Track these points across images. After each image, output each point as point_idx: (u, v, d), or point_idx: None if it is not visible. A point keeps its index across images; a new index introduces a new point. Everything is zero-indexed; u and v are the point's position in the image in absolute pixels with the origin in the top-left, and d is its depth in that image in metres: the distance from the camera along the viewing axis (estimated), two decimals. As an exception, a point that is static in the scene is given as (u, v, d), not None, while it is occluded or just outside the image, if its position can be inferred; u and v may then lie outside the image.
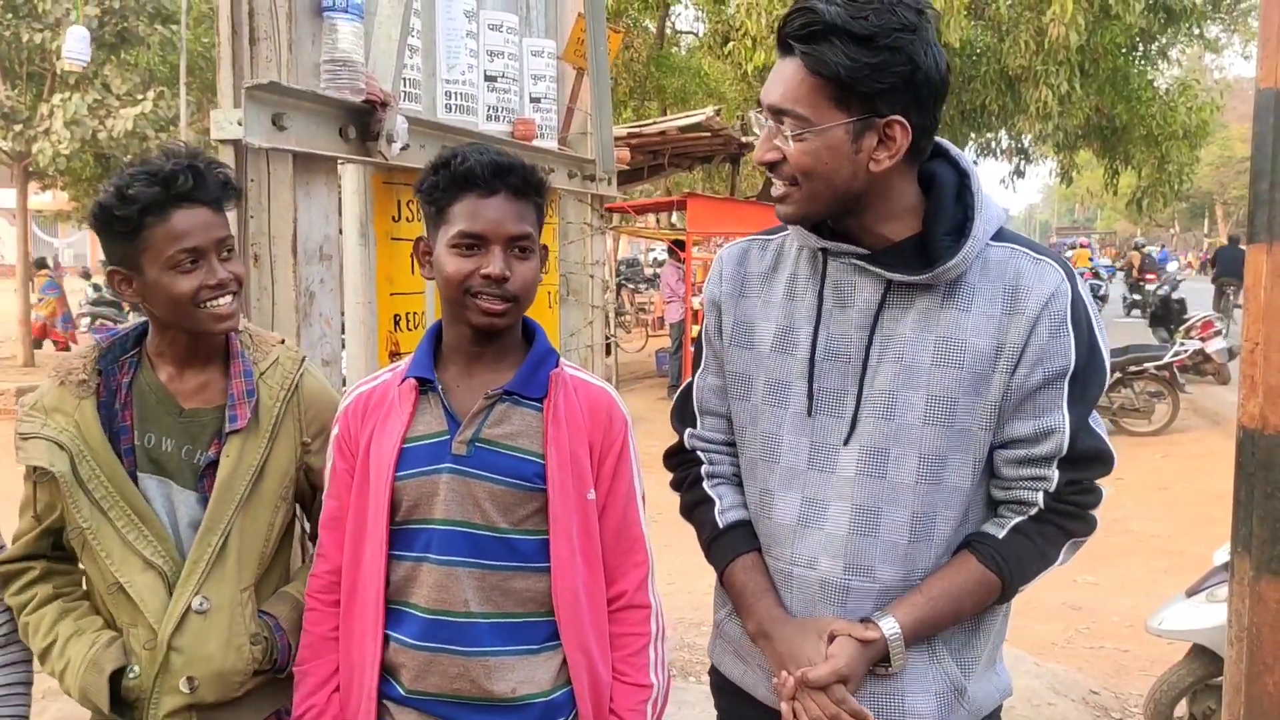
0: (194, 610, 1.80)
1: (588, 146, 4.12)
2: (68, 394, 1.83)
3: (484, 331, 1.76)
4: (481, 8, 3.36)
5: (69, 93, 12.63)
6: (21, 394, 12.11)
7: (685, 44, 22.25)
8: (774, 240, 1.81)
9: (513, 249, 1.73)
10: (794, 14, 1.54)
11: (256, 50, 2.35)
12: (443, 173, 1.74)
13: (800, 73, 1.53)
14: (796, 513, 1.69)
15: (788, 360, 1.71)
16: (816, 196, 1.59)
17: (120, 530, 1.79)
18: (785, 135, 1.56)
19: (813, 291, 1.70)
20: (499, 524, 1.74)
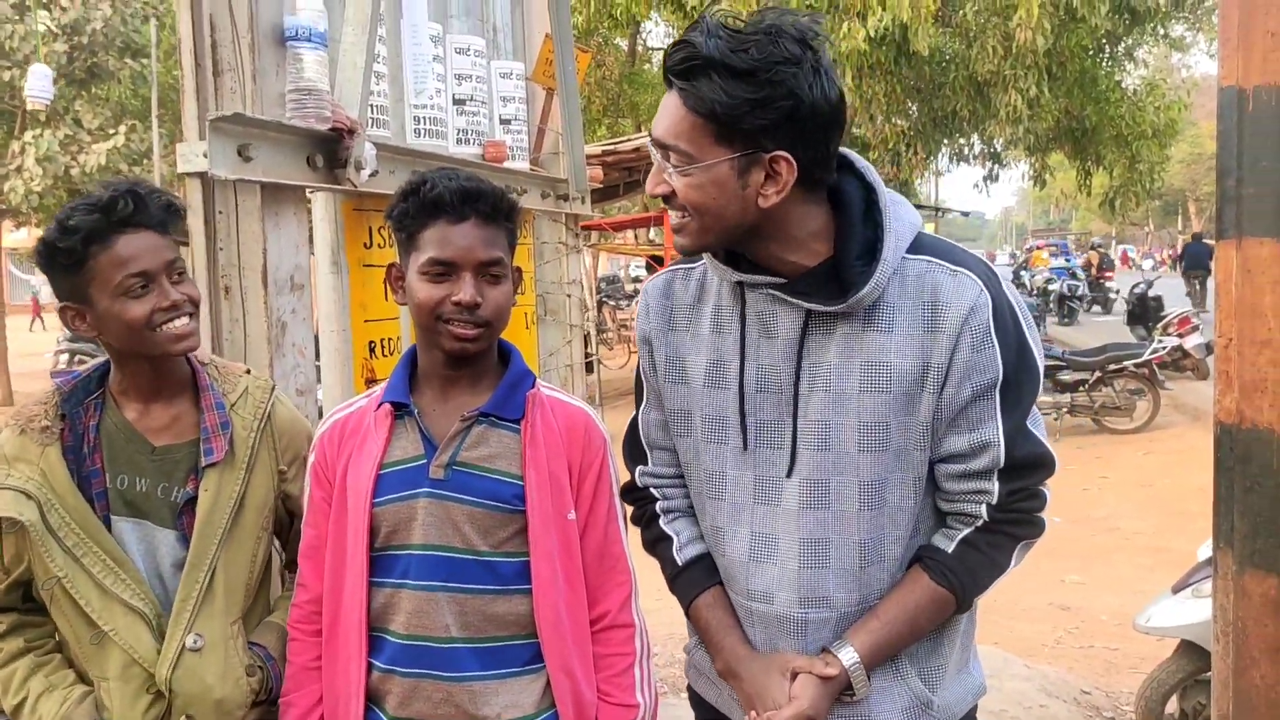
0: (188, 648, 1.77)
1: (560, 166, 4.12)
2: (30, 442, 1.78)
3: (457, 356, 1.76)
4: (448, 31, 3.36)
5: (40, 129, 12.57)
6: None
7: (656, 61, 22.36)
8: (695, 269, 1.77)
9: (484, 275, 1.73)
10: (675, 47, 1.52)
11: (220, 82, 2.33)
12: (412, 199, 1.74)
13: (681, 106, 1.50)
14: (747, 548, 1.69)
15: (721, 395, 1.69)
16: (708, 230, 1.57)
17: (97, 576, 1.75)
18: (670, 170, 1.54)
19: (736, 323, 1.68)
20: (479, 547, 1.73)
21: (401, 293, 1.80)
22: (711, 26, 1.48)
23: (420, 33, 3.12)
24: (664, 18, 18.23)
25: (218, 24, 2.32)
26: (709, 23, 1.49)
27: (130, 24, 13.55)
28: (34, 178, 12.38)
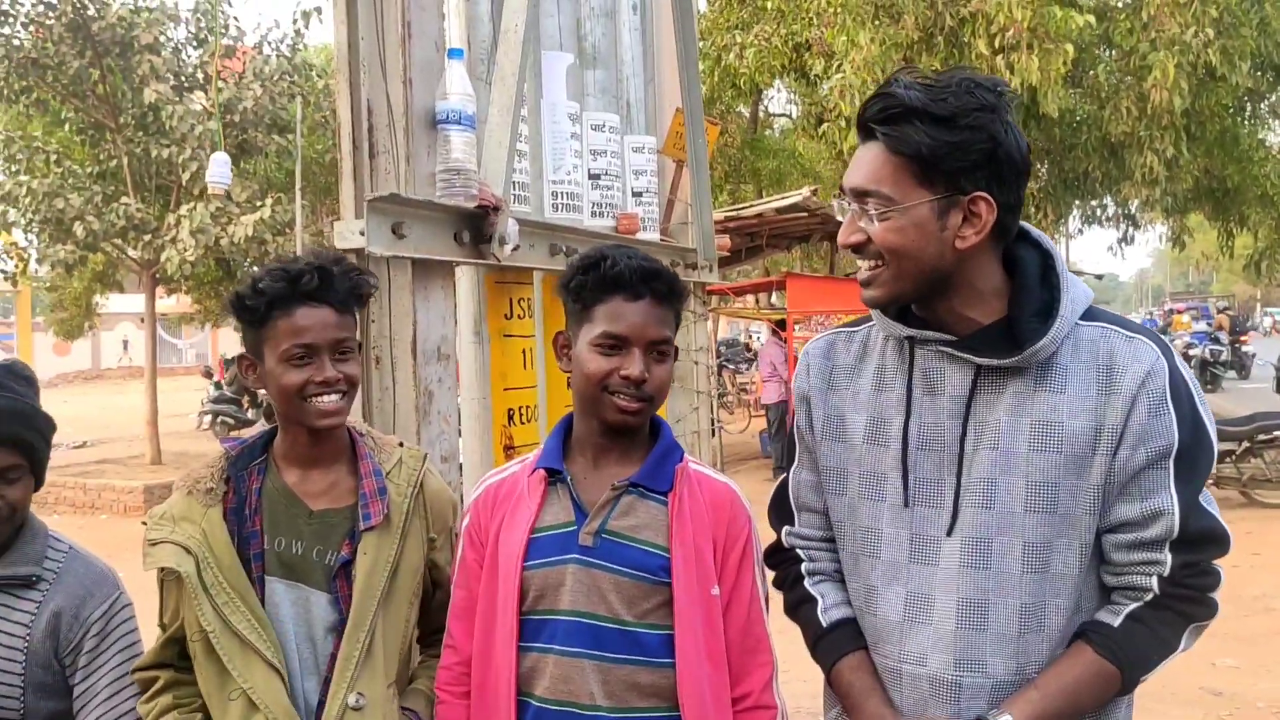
0: (350, 707, 1.83)
1: (689, 236, 4.19)
2: (195, 503, 1.90)
3: (618, 429, 1.81)
4: (585, 109, 3.48)
5: (194, 203, 13.32)
6: (150, 491, 12.64)
7: (778, 126, 22.51)
8: (859, 332, 1.82)
9: (652, 352, 1.79)
10: (874, 100, 1.59)
11: (376, 163, 2.47)
12: (592, 274, 1.80)
13: (882, 154, 1.57)
14: (902, 608, 1.67)
15: (881, 452, 1.70)
16: (903, 276, 1.60)
17: (241, 632, 1.82)
18: (870, 216, 1.58)
19: (901, 381, 1.70)
20: (624, 616, 1.75)
21: (566, 360, 1.86)
22: (907, 82, 1.56)
23: (559, 111, 3.24)
24: (787, 85, 18.42)
25: (375, 109, 2.46)
26: (904, 78, 1.57)
27: (278, 102, 14.32)
28: (187, 248, 13.07)
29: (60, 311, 21.30)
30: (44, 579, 1.93)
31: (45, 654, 1.89)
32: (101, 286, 19.28)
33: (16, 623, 1.88)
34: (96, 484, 13.05)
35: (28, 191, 12.97)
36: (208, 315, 20.84)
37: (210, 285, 17.50)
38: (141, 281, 15.39)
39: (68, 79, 13.32)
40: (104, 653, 1.93)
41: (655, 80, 4.06)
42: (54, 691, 1.91)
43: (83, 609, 1.93)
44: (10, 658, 1.86)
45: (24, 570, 1.91)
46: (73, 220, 13.04)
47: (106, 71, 13.42)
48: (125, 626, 1.99)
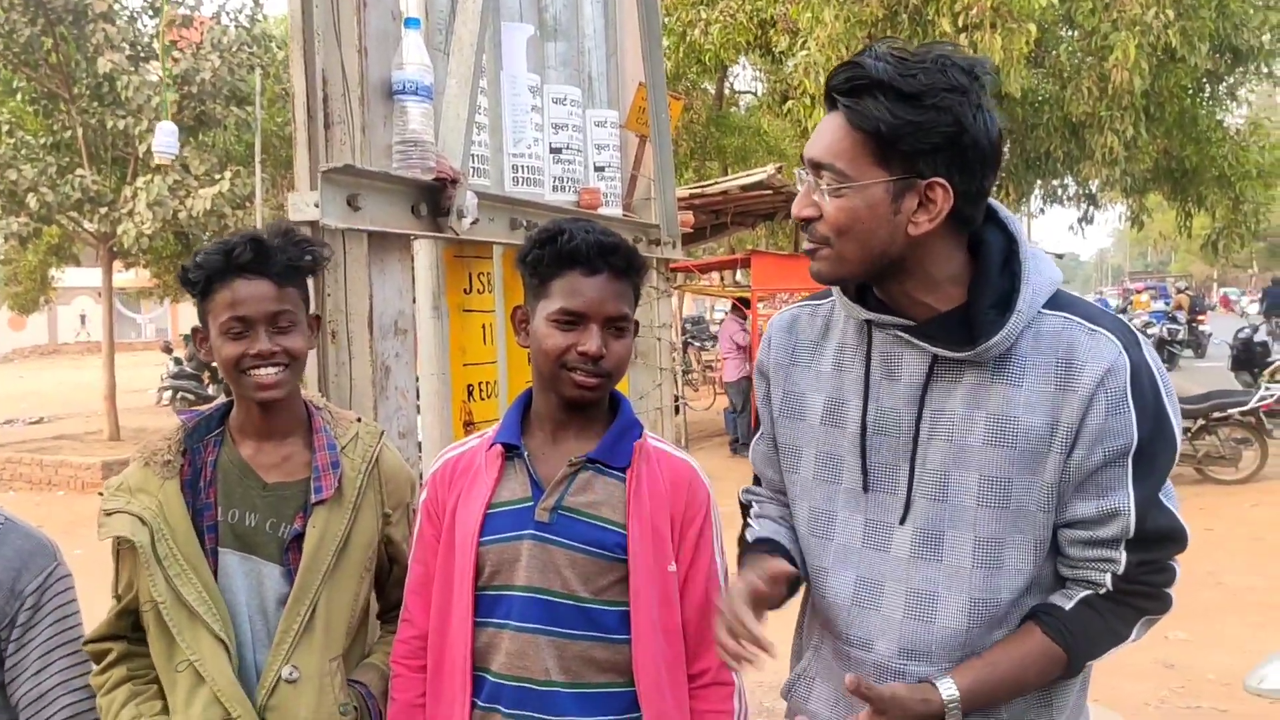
0: (284, 679, 1.83)
1: (652, 211, 4.16)
2: (152, 475, 1.89)
3: (574, 404, 1.79)
4: (546, 82, 3.44)
5: (151, 175, 13.11)
6: (108, 467, 12.48)
7: (744, 103, 22.46)
8: (823, 306, 1.76)
9: (610, 327, 1.77)
10: (842, 68, 1.53)
11: (331, 134, 2.43)
12: (549, 248, 1.78)
13: (843, 127, 1.50)
14: (851, 592, 1.65)
15: (838, 434, 1.67)
16: (848, 257, 1.54)
17: (190, 604, 1.82)
18: (823, 190, 1.53)
19: (860, 362, 1.66)
20: (579, 593, 1.75)
21: (524, 335, 1.85)
22: (880, 52, 1.49)
23: (520, 84, 3.20)
24: (752, 62, 18.38)
25: (330, 78, 2.41)
26: (878, 49, 1.50)
27: (236, 74, 14.10)
28: (144, 221, 12.89)
29: (14, 285, 20.91)
30: None
31: None
32: (57, 260, 18.96)
33: None
34: (53, 460, 12.89)
35: (-21, 162, 12.72)
36: (166, 290, 20.54)
37: (169, 259, 17.24)
38: (98, 255, 15.15)
39: (19, 47, 13.05)
40: (35, 625, 1.90)
41: (617, 54, 4.03)
42: None
43: (18, 581, 1.89)
44: None
45: None
46: (26, 192, 12.81)
47: (59, 40, 13.15)
48: (61, 598, 1.95)
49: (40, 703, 1.87)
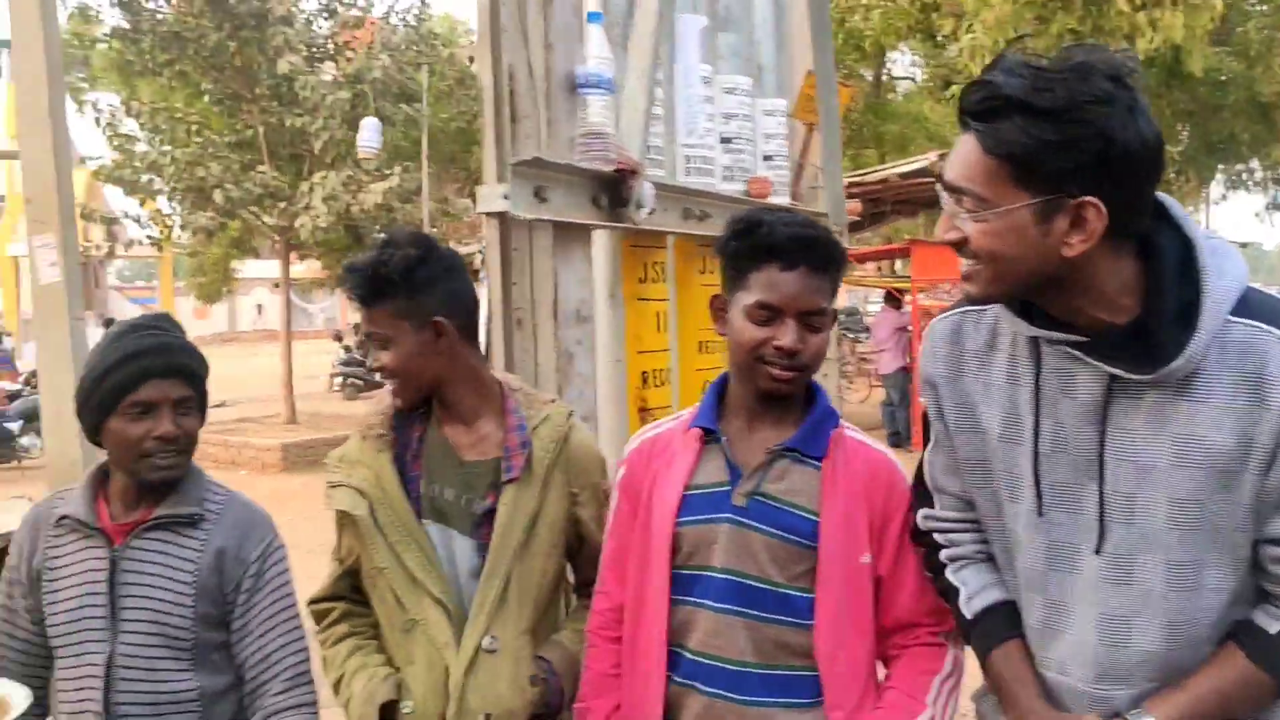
0: (484, 649, 1.92)
1: (818, 200, 4.14)
2: (368, 448, 2.03)
3: (770, 395, 1.80)
4: (718, 73, 3.46)
5: (326, 171, 13.72)
6: (286, 449, 13.18)
7: (901, 89, 22.00)
8: (987, 313, 1.63)
9: (806, 322, 1.75)
10: (973, 87, 1.42)
11: (517, 128, 2.50)
12: (747, 239, 1.78)
13: (977, 150, 1.40)
14: (1041, 616, 1.59)
15: (1015, 451, 1.57)
16: (1002, 279, 1.45)
17: (411, 569, 1.94)
18: (963, 215, 1.44)
19: (1031, 378, 1.55)
20: (774, 577, 1.76)
21: (722, 324, 1.86)
22: (1013, 65, 1.38)
23: (693, 75, 3.24)
24: (912, 47, 17.98)
25: (516, 74, 2.49)
26: (1010, 60, 1.40)
27: (405, 72, 14.62)
28: (320, 215, 13.50)
29: (200, 276, 22.24)
30: (206, 519, 2.04)
31: (212, 589, 2.01)
32: (238, 252, 20.06)
33: (184, 559, 2.00)
34: (237, 441, 13.66)
35: (171, 160, 13.56)
36: (338, 281, 21.50)
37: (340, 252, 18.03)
38: (275, 247, 15.96)
39: (207, 51, 13.82)
40: (259, 590, 2.05)
41: (786, 43, 4.02)
42: (218, 623, 2.03)
43: (243, 548, 2.04)
44: (181, 591, 1.98)
45: (187, 510, 2.02)
46: (213, 188, 13.57)
47: (243, 44, 13.89)
48: (278, 566, 2.09)
49: (265, 663, 2.02)
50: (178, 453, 1.99)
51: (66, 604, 1.98)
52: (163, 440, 1.96)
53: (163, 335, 2.02)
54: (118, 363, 1.96)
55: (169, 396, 1.97)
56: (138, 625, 1.95)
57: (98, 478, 2.06)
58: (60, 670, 2.01)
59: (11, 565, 2.07)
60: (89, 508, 2.01)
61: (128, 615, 1.96)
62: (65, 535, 2.02)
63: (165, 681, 1.96)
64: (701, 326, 3.32)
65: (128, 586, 1.97)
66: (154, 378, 1.96)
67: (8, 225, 42.52)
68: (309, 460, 13.41)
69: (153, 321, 2.07)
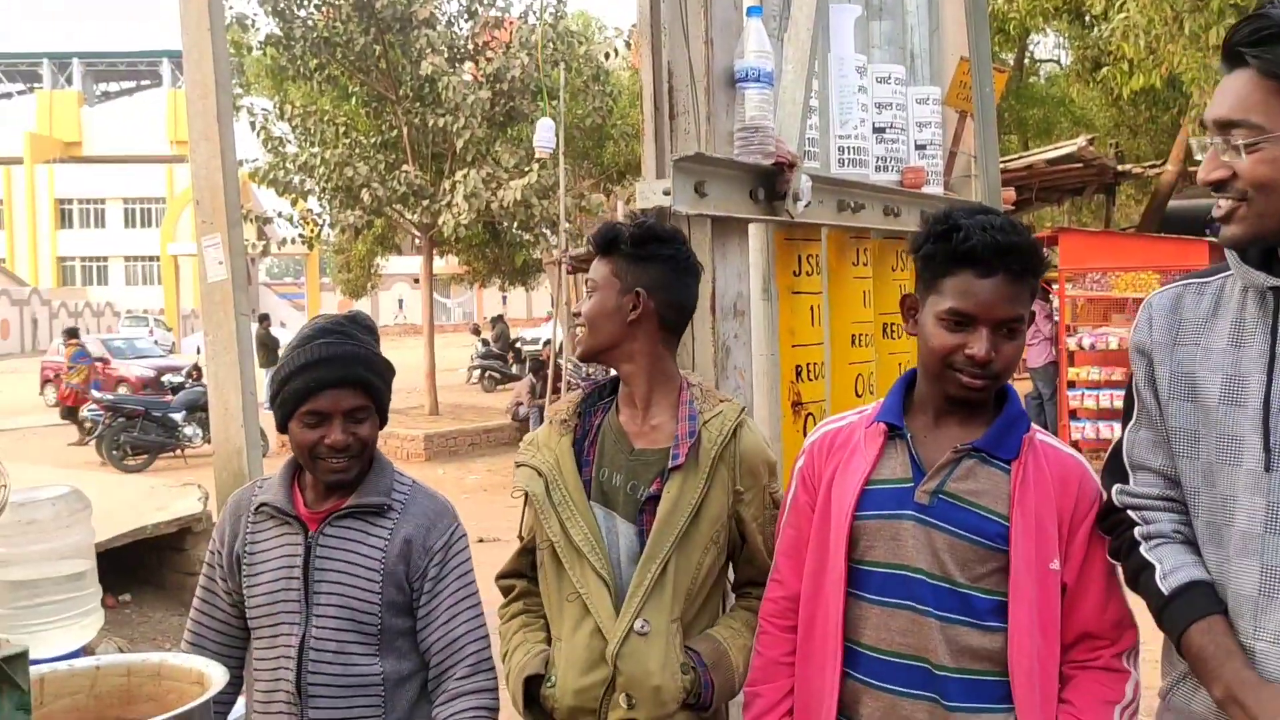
0: (635, 631, 1.95)
1: (973, 189, 4.05)
2: (554, 432, 2.12)
3: (962, 402, 1.78)
4: (871, 61, 3.41)
5: (466, 169, 14.06)
6: (429, 439, 13.58)
7: (1044, 73, 21.26)
8: (1211, 282, 1.67)
9: (1001, 329, 1.72)
10: (1245, 22, 1.49)
11: (676, 124, 2.52)
12: (942, 244, 1.74)
13: (1253, 80, 1.47)
14: (1257, 581, 1.53)
15: (1238, 413, 1.56)
16: (1269, 214, 1.49)
17: (577, 544, 2.00)
18: (1238, 147, 1.48)
19: (1262, 336, 1.55)
20: (956, 577, 1.74)
21: (912, 323, 1.84)
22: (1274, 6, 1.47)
23: (847, 65, 3.20)
24: (1058, 29, 17.35)
25: (675, 71, 2.51)
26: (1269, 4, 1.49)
27: (543, 70, 14.86)
28: (461, 212, 13.87)
29: (346, 272, 23.07)
30: (393, 508, 2.13)
31: (398, 575, 2.09)
32: (382, 249, 20.74)
33: (373, 546, 2.09)
34: (383, 431, 14.11)
35: (321, 161, 14.12)
36: (475, 275, 22.01)
37: (478, 248, 18.47)
38: (416, 244, 16.44)
39: (354, 55, 14.35)
40: (444, 579, 2.13)
41: (940, 29, 3.94)
42: (404, 610, 2.12)
43: (429, 537, 2.13)
44: (370, 577, 2.07)
45: (375, 500, 2.11)
46: (360, 187, 14.08)
47: (388, 46, 14.35)
48: (462, 555, 2.18)
49: (451, 648, 2.10)
50: (350, 458, 2.08)
51: (265, 587, 2.08)
52: (333, 448, 2.04)
53: (343, 344, 2.08)
54: (297, 370, 2.05)
55: (341, 407, 2.05)
56: (329, 609, 2.04)
57: (294, 467, 2.16)
58: (257, 650, 2.12)
59: (213, 549, 2.20)
60: (286, 496, 2.11)
61: (320, 600, 2.05)
62: (264, 522, 2.13)
63: (353, 664, 2.05)
64: (854, 320, 3.29)
65: (321, 572, 2.06)
66: (328, 388, 2.04)
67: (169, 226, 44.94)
68: (450, 450, 13.80)
69: (339, 326, 2.14)
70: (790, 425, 2.98)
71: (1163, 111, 16.05)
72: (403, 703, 2.09)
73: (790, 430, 2.97)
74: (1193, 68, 10.06)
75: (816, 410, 3.04)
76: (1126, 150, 18.18)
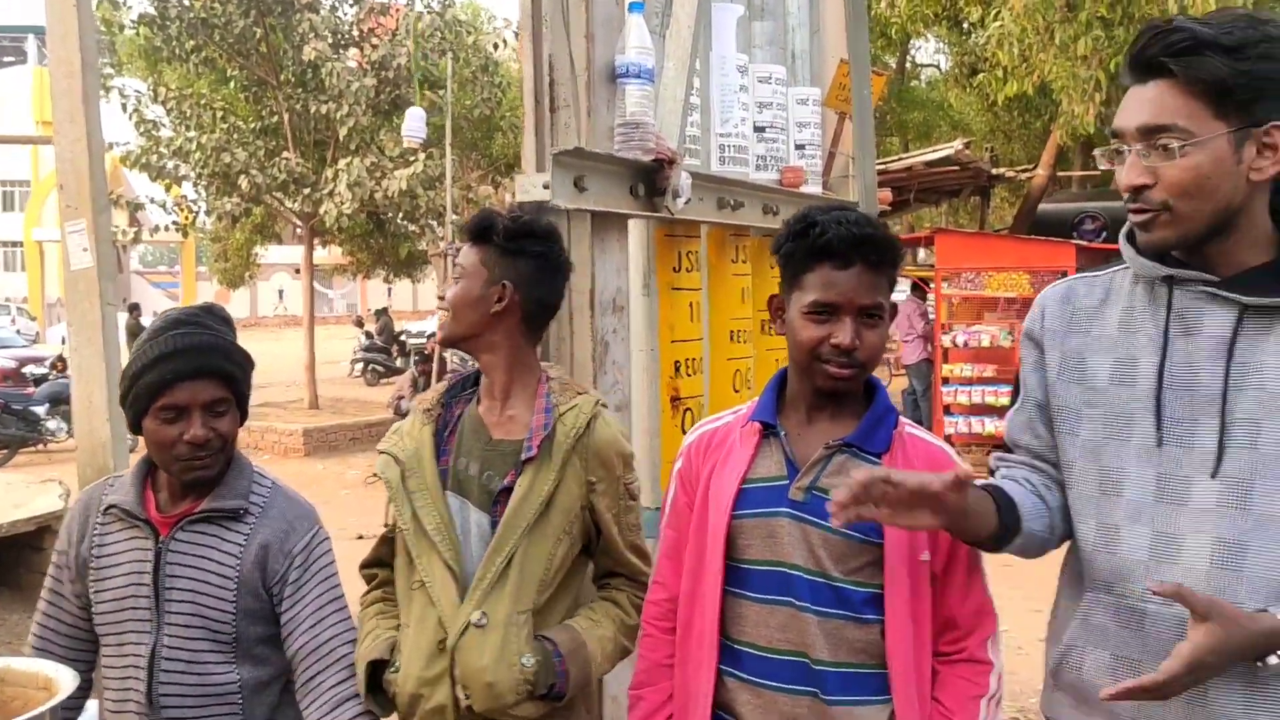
0: (473, 624, 1.95)
1: (850, 189, 4.13)
2: (417, 421, 2.11)
3: (828, 393, 1.82)
4: (752, 61, 3.45)
5: (350, 157, 13.76)
6: (308, 434, 13.26)
7: (924, 77, 21.88)
8: (1101, 276, 1.80)
9: (863, 318, 1.77)
10: (1157, 35, 1.58)
11: (556, 117, 2.51)
12: (801, 241, 1.80)
13: (1173, 88, 1.56)
14: (1147, 547, 1.64)
15: (1127, 392, 1.68)
16: (1192, 216, 1.58)
17: (429, 534, 2.00)
18: (1164, 151, 1.57)
19: (1153, 322, 1.67)
20: (832, 572, 1.77)
21: (780, 323, 1.88)
22: (1184, 19, 1.57)
23: (728, 64, 3.23)
24: (938, 35, 17.86)
25: (557, 64, 2.49)
26: (1178, 20, 1.58)
27: (429, 59, 14.63)
28: (344, 201, 13.55)
29: (223, 261, 22.35)
30: (250, 512, 2.05)
31: (254, 582, 2.02)
32: (261, 238, 20.14)
33: (227, 553, 2.01)
34: (260, 426, 13.75)
35: (197, 146, 13.62)
36: (359, 267, 21.56)
37: (361, 238, 18.08)
38: (298, 233, 16.03)
39: (233, 37, 13.88)
40: (306, 583, 2.06)
41: (820, 31, 4.01)
42: (261, 617, 2.05)
43: (287, 542, 2.06)
44: (224, 585, 1.99)
45: (232, 504, 2.03)
46: (238, 174, 13.64)
47: (269, 30, 13.93)
48: (325, 558, 2.12)
49: (319, 652, 2.03)
50: (212, 454, 2.01)
51: (112, 594, 2.00)
52: (193, 444, 1.97)
53: (198, 334, 2.00)
54: (150, 364, 1.97)
55: (200, 399, 1.98)
56: (181, 618, 1.97)
57: (147, 467, 2.07)
58: (105, 657, 2.04)
59: (60, 550, 2.10)
60: (137, 498, 2.03)
61: (172, 608, 1.98)
62: (113, 524, 2.04)
63: (209, 674, 1.98)
64: (733, 316, 3.33)
65: (173, 579, 1.98)
66: (184, 380, 1.96)
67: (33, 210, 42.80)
68: (330, 445, 13.52)
69: (193, 317, 2.05)
70: (669, 420, 3.00)
71: (1035, 118, 16.66)
72: (262, 709, 2.03)
73: (669, 425, 2.99)
74: (1062, 76, 10.48)
75: (695, 405, 3.07)
76: (1001, 154, 18.84)
